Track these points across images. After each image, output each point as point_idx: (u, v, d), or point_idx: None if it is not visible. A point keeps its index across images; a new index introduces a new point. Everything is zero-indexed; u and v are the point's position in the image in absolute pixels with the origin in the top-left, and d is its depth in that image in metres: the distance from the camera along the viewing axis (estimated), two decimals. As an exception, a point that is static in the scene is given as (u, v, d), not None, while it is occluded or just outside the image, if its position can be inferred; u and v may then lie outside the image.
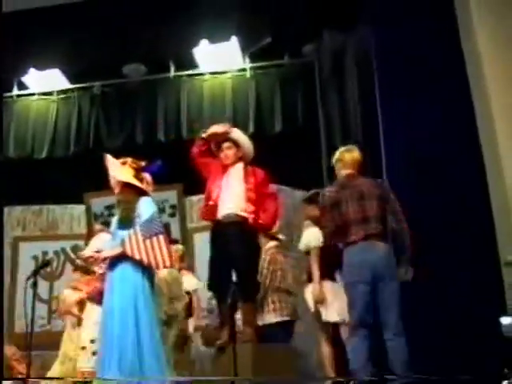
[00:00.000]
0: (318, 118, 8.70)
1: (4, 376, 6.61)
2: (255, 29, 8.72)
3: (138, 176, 5.62)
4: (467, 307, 6.16)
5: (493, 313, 6.22)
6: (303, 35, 8.89)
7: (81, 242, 9.23)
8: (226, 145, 6.07)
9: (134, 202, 5.51)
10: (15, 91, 9.98)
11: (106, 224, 7.64)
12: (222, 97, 9.68)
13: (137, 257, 5.38)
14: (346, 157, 5.65)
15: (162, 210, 8.97)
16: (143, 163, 5.72)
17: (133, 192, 5.57)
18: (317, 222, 6.06)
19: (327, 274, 6.11)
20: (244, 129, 9.08)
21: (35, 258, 9.22)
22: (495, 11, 6.21)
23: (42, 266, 7.46)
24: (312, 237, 6.19)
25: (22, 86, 9.90)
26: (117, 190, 5.64)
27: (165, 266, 5.57)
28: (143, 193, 5.59)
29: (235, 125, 9.17)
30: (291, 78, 9.56)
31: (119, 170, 5.58)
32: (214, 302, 8.04)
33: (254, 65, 9.63)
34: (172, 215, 9.11)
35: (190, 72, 9.80)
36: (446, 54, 6.78)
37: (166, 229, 8.50)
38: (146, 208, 5.48)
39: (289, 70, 9.56)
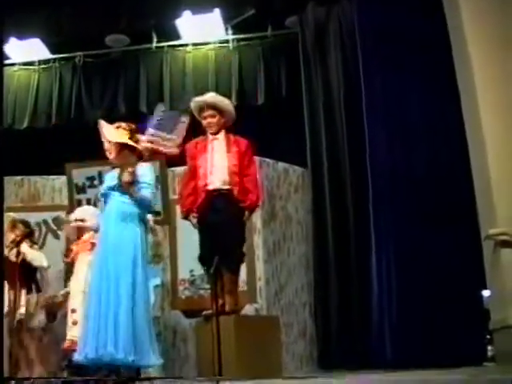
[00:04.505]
0: (301, 91, 8.70)
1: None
2: (238, 0, 8.68)
3: (133, 138, 5.55)
4: (448, 280, 6.25)
5: (472, 286, 6.33)
6: (287, 7, 8.85)
7: (62, 214, 9.20)
8: (208, 113, 6.05)
9: (133, 165, 5.44)
10: (-5, 61, 9.88)
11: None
12: (204, 68, 9.64)
13: None
14: None
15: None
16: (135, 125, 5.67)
17: (130, 155, 5.52)
18: None
19: None
20: (227, 101, 9.08)
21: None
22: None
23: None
24: None
25: (2, 56, 9.79)
26: (113, 155, 5.56)
27: None
28: (140, 156, 5.57)
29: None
30: (274, 50, 9.53)
31: (114, 133, 5.54)
32: (195, 273, 8.13)
33: (237, 36, 9.58)
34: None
35: (173, 43, 9.75)
36: (431, 28, 6.79)
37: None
38: (149, 175, 5.52)
39: (272, 42, 9.52)
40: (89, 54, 9.90)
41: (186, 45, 9.78)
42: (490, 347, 6.27)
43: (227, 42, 9.65)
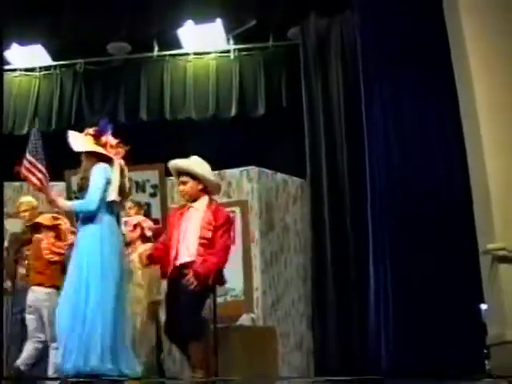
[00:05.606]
0: (301, 101, 8.72)
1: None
2: (240, 10, 8.70)
3: (99, 142, 5.40)
4: (445, 294, 6.24)
5: (470, 300, 6.32)
6: (288, 18, 8.87)
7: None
8: (181, 179, 5.50)
9: (87, 171, 5.31)
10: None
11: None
12: (205, 78, 9.65)
13: None
14: None
15: (142, 190, 8.98)
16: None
17: (95, 159, 5.34)
18: None
19: None
20: (227, 111, 9.13)
21: (15, 234, 9.13)
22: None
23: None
24: None
25: (3, 61, 9.80)
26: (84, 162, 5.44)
27: None
28: (107, 158, 5.36)
29: (218, 107, 9.24)
30: (275, 61, 9.54)
31: (79, 142, 5.39)
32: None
33: (239, 46, 9.60)
34: (153, 195, 9.09)
35: (174, 52, 9.76)
36: (432, 39, 6.81)
37: (147, 209, 8.55)
38: (96, 175, 5.25)
39: (273, 52, 9.54)
40: (90, 61, 9.89)
41: (188, 54, 9.79)
42: (487, 361, 6.25)
43: (228, 51, 9.66)
